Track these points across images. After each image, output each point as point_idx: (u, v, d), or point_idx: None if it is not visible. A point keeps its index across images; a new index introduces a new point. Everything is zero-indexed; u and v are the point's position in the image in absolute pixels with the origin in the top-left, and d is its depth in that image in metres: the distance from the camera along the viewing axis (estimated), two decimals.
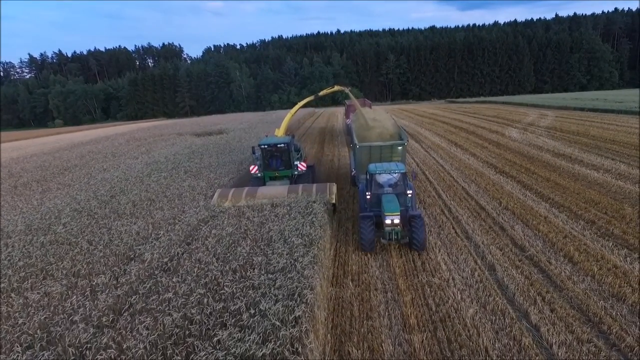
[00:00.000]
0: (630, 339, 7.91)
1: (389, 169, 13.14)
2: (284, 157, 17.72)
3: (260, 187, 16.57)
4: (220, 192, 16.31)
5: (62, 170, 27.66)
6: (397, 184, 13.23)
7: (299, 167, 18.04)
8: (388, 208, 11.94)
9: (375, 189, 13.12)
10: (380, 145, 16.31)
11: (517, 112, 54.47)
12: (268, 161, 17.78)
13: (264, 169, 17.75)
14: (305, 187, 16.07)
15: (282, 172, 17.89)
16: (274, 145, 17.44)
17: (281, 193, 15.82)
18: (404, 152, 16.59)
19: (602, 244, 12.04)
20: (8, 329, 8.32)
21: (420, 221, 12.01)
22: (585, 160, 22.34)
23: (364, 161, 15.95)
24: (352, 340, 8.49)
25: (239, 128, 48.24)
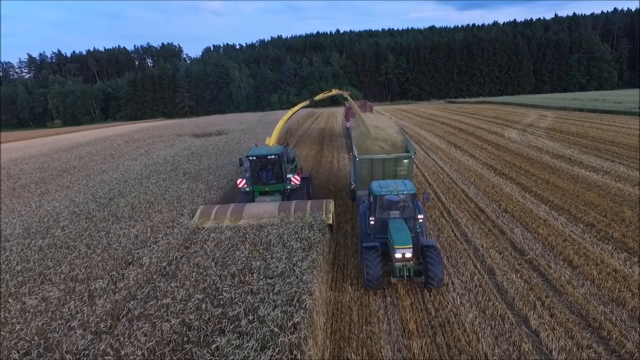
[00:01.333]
0: (630, 345, 7.89)
1: (396, 189, 10.99)
2: (275, 169, 15.81)
3: (248, 205, 14.80)
4: (202, 210, 14.68)
5: (60, 172, 27.57)
6: (406, 206, 11.24)
7: (292, 180, 16.01)
8: (398, 239, 9.99)
9: (380, 212, 11.17)
10: (384, 159, 14.52)
11: (516, 112, 54.48)
12: (257, 174, 15.90)
13: (253, 183, 15.94)
14: (298, 204, 14.32)
15: (273, 187, 15.98)
16: (263, 156, 15.57)
17: (271, 212, 14.06)
18: (410, 166, 14.77)
19: (601, 248, 12.02)
20: (5, 335, 8.26)
21: (436, 253, 10.05)
22: (585, 162, 22.33)
23: (364, 175, 14.49)
24: (351, 346, 8.47)
25: (238, 129, 48.15)
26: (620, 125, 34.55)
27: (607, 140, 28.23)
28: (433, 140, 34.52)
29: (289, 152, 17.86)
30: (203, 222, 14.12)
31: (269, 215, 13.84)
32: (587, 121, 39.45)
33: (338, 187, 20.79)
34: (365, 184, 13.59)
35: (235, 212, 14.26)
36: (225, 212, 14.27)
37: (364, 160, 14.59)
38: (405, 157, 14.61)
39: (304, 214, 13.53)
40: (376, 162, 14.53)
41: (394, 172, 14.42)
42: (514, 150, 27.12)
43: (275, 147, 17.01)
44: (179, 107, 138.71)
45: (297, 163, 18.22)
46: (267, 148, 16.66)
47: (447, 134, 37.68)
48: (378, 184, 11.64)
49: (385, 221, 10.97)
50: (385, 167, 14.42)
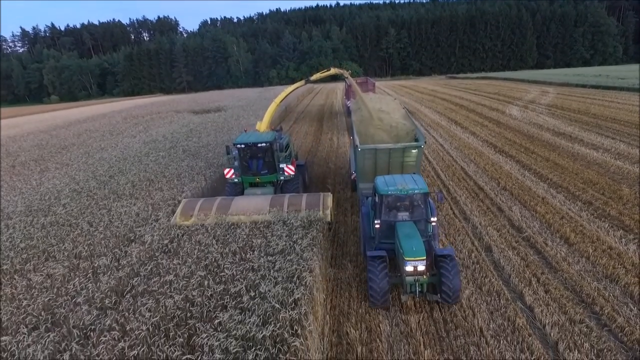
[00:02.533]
0: (621, 320, 8.12)
1: (406, 187, 9.33)
2: (266, 158, 14.36)
3: (236, 199, 13.28)
4: (184, 206, 13.04)
5: (59, 149, 27.51)
6: (417, 207, 9.81)
7: (286, 171, 14.44)
8: (409, 249, 8.51)
9: (386, 214, 9.71)
10: (390, 149, 12.45)
11: (518, 88, 53.87)
12: (247, 163, 14.45)
13: (242, 174, 14.46)
14: (292, 198, 12.88)
15: (264, 178, 14.51)
16: (253, 144, 14.09)
17: (261, 207, 12.52)
18: (419, 156, 12.71)
19: (598, 225, 12.17)
20: (13, 311, 8.46)
21: (452, 264, 8.61)
22: (585, 140, 22.27)
23: (367, 167, 12.72)
24: (350, 321, 8.70)
25: (237, 105, 47.70)
26: (622, 102, 34.25)
27: (608, 117, 28.05)
28: (433, 117, 34.28)
29: (283, 138, 16.18)
30: (184, 219, 12.44)
31: (259, 211, 12.33)
32: (589, 97, 39.08)
33: (338, 165, 20.80)
34: (367, 176, 12.38)
35: (222, 207, 12.70)
36: (210, 207, 12.69)
37: (366, 150, 12.46)
38: (413, 147, 12.50)
39: (298, 208, 12.20)
40: (381, 153, 12.48)
41: (400, 164, 12.60)
42: (515, 128, 26.99)
43: (267, 133, 15.48)
44: (176, 83, 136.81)
45: (291, 149, 16.66)
46: (258, 134, 15.26)
47: (447, 110, 37.38)
48: (384, 180, 9.91)
49: (392, 224, 9.54)
50: (391, 158, 12.50)
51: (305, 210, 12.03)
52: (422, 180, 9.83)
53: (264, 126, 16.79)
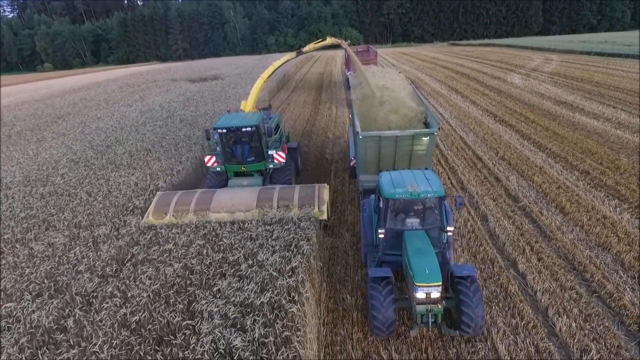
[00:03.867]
0: (610, 286, 8.32)
1: (417, 190, 7.66)
2: (252, 143, 12.50)
3: (218, 192, 11.51)
4: (158, 200, 11.28)
5: (55, 118, 27.22)
6: (430, 212, 8.12)
7: (276, 158, 12.59)
8: (420, 271, 6.86)
9: (393, 221, 8.12)
10: (397, 136, 10.47)
11: (521, 56, 52.71)
12: (230, 150, 12.59)
13: (226, 162, 12.65)
14: (283, 191, 11.23)
15: (250, 167, 12.72)
16: (236, 128, 12.11)
17: (247, 202, 10.85)
18: (431, 145, 10.71)
19: (594, 195, 12.24)
20: (17, 278, 8.66)
21: (474, 287, 6.97)
22: (587, 109, 22.03)
23: (369, 157, 10.91)
24: (346, 288, 8.92)
25: (234, 73, 46.81)
26: (626, 70, 33.61)
27: (611, 85, 27.61)
28: (434, 85, 33.74)
29: (272, 116, 14.50)
30: (157, 218, 10.76)
31: (244, 207, 10.75)
32: (593, 65, 38.32)
33: (336, 135, 20.65)
34: (369, 167, 10.86)
35: (202, 202, 11.01)
36: (188, 202, 11.05)
37: (368, 138, 10.55)
38: (425, 134, 10.48)
39: (289, 205, 10.66)
40: (386, 141, 10.52)
41: (409, 153, 10.74)
42: (516, 96, 26.63)
43: (253, 114, 13.48)
44: (172, 50, 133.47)
45: (282, 131, 15.13)
46: (242, 116, 13.17)
47: (448, 78, 36.74)
48: (390, 179, 8.23)
49: (400, 233, 7.97)
50: (398, 147, 10.54)
51: (297, 207, 10.51)
52: (436, 180, 8.09)
53: (249, 106, 14.61)
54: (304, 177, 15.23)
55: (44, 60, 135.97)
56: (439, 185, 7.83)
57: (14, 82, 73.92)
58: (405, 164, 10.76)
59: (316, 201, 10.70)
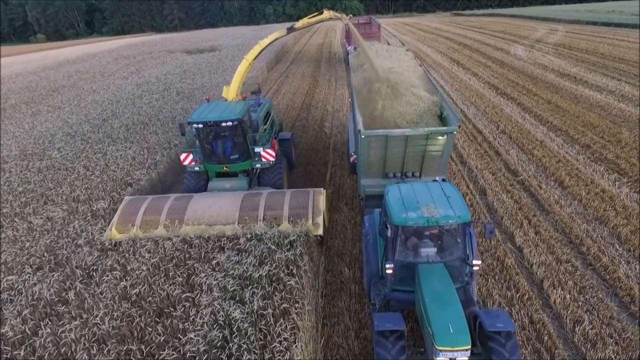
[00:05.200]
0: (606, 259, 8.41)
1: (435, 215, 5.97)
2: (236, 139, 10.47)
3: (195, 198, 9.62)
4: (124, 209, 9.44)
5: (50, 91, 26.78)
6: (450, 241, 6.43)
7: (264, 156, 10.60)
8: (442, 330, 5.36)
9: (404, 252, 6.46)
10: (407, 136, 8.39)
11: (525, 26, 51.38)
12: (210, 146, 10.62)
13: (205, 160, 10.68)
14: (272, 197, 9.33)
15: (234, 167, 10.70)
16: (214, 122, 9.99)
17: (228, 213, 9.00)
18: (449, 146, 8.64)
19: (593, 169, 12.19)
20: (17, 252, 8.73)
21: (511, 344, 5.40)
22: (590, 81, 21.65)
23: (372, 158, 8.86)
24: (344, 261, 9.01)
25: (231, 45, 45.75)
26: (633, 41, 32.83)
27: (616, 57, 27.05)
28: (435, 57, 33.04)
29: (262, 102, 12.63)
30: (122, 231, 8.96)
31: (224, 219, 8.89)
32: (599, 36, 37.41)
33: (335, 108, 20.38)
34: (373, 169, 8.98)
35: (175, 211, 9.17)
36: (159, 210, 9.19)
37: (373, 137, 8.48)
38: (442, 132, 8.43)
39: (278, 216, 8.80)
40: (394, 141, 8.47)
41: (421, 154, 8.70)
42: (519, 69, 26.12)
43: (236, 104, 11.06)
44: (168, 20, 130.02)
45: (273, 119, 13.27)
46: (223, 107, 10.75)
47: (450, 50, 35.94)
48: (399, 196, 6.50)
49: (412, 267, 6.35)
50: (408, 147, 8.53)
51: (288, 219, 8.73)
52: (459, 199, 6.37)
53: (232, 93, 12.38)
54: (302, 159, 15.06)
55: (37, 31, 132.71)
56: (464, 208, 6.11)
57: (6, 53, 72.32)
58: (416, 166, 8.81)
59: (310, 212, 8.80)
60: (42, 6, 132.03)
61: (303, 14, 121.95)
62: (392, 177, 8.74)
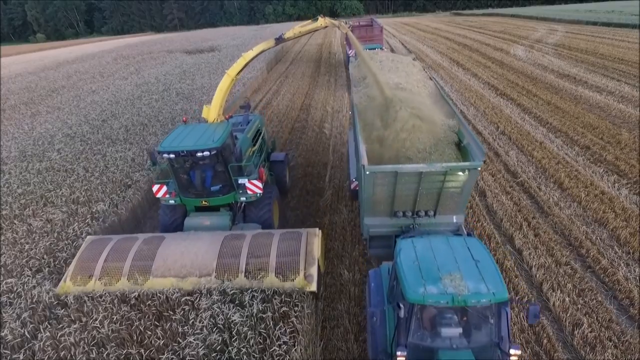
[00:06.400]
0: (605, 262, 8.41)
1: (463, 290, 4.72)
2: (217, 167, 8.79)
3: (167, 240, 7.97)
4: (84, 253, 7.87)
5: (49, 92, 26.76)
6: (480, 323, 5.04)
7: (249, 188, 8.86)
8: None
9: (419, 330, 5.09)
10: (421, 172, 6.76)
11: (525, 26, 51.39)
12: (187, 176, 8.92)
13: (182, 193, 8.98)
14: (257, 240, 7.72)
15: (214, 201, 8.99)
16: (188, 153, 8.25)
17: (203, 263, 7.38)
18: (471, 183, 7.06)
19: (593, 170, 12.20)
20: (16, 254, 8.73)
21: None
22: (590, 82, 21.66)
23: (379, 196, 7.18)
24: (344, 263, 9.01)
25: (231, 45, 45.73)
26: (632, 41, 32.83)
27: (616, 57, 27.06)
28: (435, 57, 33.03)
29: (250, 119, 11.25)
30: (78, 283, 7.38)
31: (199, 270, 7.28)
32: (598, 36, 37.42)
33: (335, 109, 20.38)
34: (380, 207, 7.37)
35: (143, 257, 7.58)
36: (124, 255, 7.61)
37: (379, 174, 6.83)
38: (464, 168, 6.81)
39: (263, 269, 7.19)
40: (405, 178, 6.86)
41: (437, 191, 7.08)
42: (518, 69, 26.12)
43: (217, 127, 9.16)
44: (167, 20, 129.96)
45: (264, 138, 11.70)
46: (200, 132, 8.88)
47: (450, 50, 35.94)
48: (414, 258, 5.25)
49: (430, 350, 4.97)
50: (423, 184, 6.91)
51: (275, 271, 7.11)
52: (490, 263, 5.09)
53: (213, 113, 9.99)
54: (302, 160, 15.07)
55: (36, 30, 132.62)
56: (499, 280, 4.80)
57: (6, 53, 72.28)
58: (430, 204, 7.27)
59: (302, 262, 7.20)
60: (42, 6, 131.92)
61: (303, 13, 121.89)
62: (401, 217, 7.30)
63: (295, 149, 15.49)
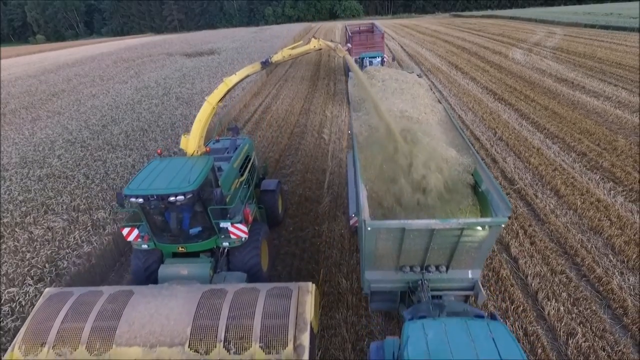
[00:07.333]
0: (599, 270, 8.52)
1: None
2: (196, 208, 7.52)
3: (135, 296, 6.39)
4: (39, 312, 6.28)
5: (50, 96, 26.86)
6: None
7: (233, 232, 7.76)
8: None
9: None
10: (433, 230, 5.79)
11: (524, 29, 51.59)
12: (163, 217, 7.56)
13: (156, 238, 7.74)
14: (238, 299, 6.18)
15: (191, 247, 7.77)
16: (158, 197, 6.92)
17: (175, 329, 5.89)
18: (491, 239, 6.01)
19: (589, 177, 12.31)
20: (18, 263, 8.82)
21: None
22: (587, 87, 21.79)
23: (382, 251, 6.24)
24: (342, 272, 9.10)
25: (231, 47, 45.84)
26: (630, 45, 33.01)
27: (614, 61, 27.20)
28: (434, 60, 33.17)
29: (239, 144, 10.23)
30: (28, 351, 5.83)
31: (170, 338, 5.78)
32: (596, 39, 37.59)
33: (334, 114, 20.48)
34: (383, 261, 6.44)
35: (105, 317, 6.05)
36: (84, 317, 6.04)
37: (383, 230, 5.90)
38: (485, 224, 5.79)
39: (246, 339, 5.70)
40: (413, 234, 5.93)
41: (451, 247, 6.09)
42: (517, 73, 26.26)
43: (195, 164, 7.65)
44: (167, 21, 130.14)
45: (254, 165, 10.56)
46: (174, 170, 7.40)
47: (449, 53, 36.08)
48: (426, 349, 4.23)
49: None
50: (435, 240, 5.98)
51: (259, 340, 5.66)
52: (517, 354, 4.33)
53: (193, 144, 8.53)
54: (301, 166, 15.16)
55: (36, 31, 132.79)
56: None
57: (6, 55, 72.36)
58: (442, 259, 6.32)
59: (292, 328, 5.77)
60: (42, 7, 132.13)
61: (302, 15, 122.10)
62: (408, 272, 6.36)
63: (294, 154, 15.62)
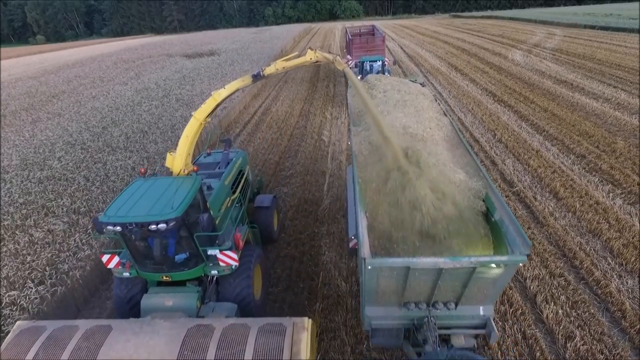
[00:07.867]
0: (598, 273, 8.55)
1: None
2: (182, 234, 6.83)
3: (113, 332, 5.56)
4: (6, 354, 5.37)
5: (50, 97, 26.91)
6: None
7: (222, 260, 6.98)
8: None
9: None
10: (441, 269, 5.10)
11: (523, 30, 51.64)
12: (146, 244, 6.90)
13: (139, 266, 7.01)
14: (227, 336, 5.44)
15: (177, 276, 6.97)
16: (137, 225, 6.05)
17: None
18: (506, 279, 5.32)
19: (588, 180, 12.34)
20: (18, 266, 8.85)
21: None
22: (587, 88, 21.82)
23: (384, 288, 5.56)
24: (341, 275, 9.13)
25: (231, 48, 45.91)
26: (630, 46, 33.05)
27: (613, 63, 27.23)
28: (433, 62, 33.21)
29: (231, 159, 9.67)
30: None
31: None
32: (596, 41, 37.63)
33: (334, 115, 20.52)
34: (386, 297, 5.76)
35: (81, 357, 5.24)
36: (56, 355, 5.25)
37: (386, 269, 5.24)
38: (499, 263, 5.09)
39: None
40: (419, 272, 5.24)
41: (461, 284, 5.44)
42: (516, 75, 26.30)
43: (180, 186, 6.84)
44: (167, 22, 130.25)
45: (247, 180, 10.14)
46: (157, 193, 6.66)
47: (448, 55, 36.12)
48: None
49: None
50: (443, 279, 5.30)
51: None
52: None
53: (179, 163, 7.56)
54: (300, 168, 15.19)
55: (36, 32, 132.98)
56: None
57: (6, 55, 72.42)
58: (451, 295, 5.68)
59: None
60: (42, 7, 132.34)
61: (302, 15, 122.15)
62: (413, 308, 5.76)
63: (294, 156, 15.66)
